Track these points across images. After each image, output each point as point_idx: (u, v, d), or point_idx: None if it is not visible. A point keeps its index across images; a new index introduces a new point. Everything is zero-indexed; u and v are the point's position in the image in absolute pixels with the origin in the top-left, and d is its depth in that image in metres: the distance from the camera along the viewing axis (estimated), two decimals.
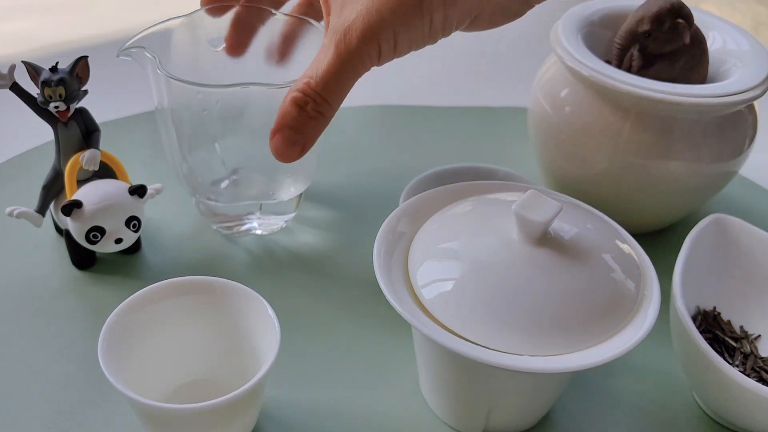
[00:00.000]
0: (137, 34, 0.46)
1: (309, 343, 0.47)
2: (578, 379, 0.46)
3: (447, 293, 0.36)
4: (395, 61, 0.37)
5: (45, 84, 0.46)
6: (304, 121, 0.36)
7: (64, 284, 0.50)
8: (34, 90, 0.47)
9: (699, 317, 0.47)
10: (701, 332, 0.46)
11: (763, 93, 0.51)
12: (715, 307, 0.48)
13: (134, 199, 0.48)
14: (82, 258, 0.51)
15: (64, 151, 0.49)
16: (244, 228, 0.54)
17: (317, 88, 0.36)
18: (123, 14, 0.90)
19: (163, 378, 0.41)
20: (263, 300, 0.39)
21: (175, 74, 0.44)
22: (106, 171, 0.50)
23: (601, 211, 0.43)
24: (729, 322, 0.48)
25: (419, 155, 0.66)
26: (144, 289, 0.40)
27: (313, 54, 0.38)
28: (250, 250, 0.54)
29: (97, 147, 0.49)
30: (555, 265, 0.36)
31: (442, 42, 0.37)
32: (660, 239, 0.57)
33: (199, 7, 0.50)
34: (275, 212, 0.54)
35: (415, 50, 0.37)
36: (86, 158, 0.48)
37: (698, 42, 0.54)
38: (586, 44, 0.55)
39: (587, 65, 0.52)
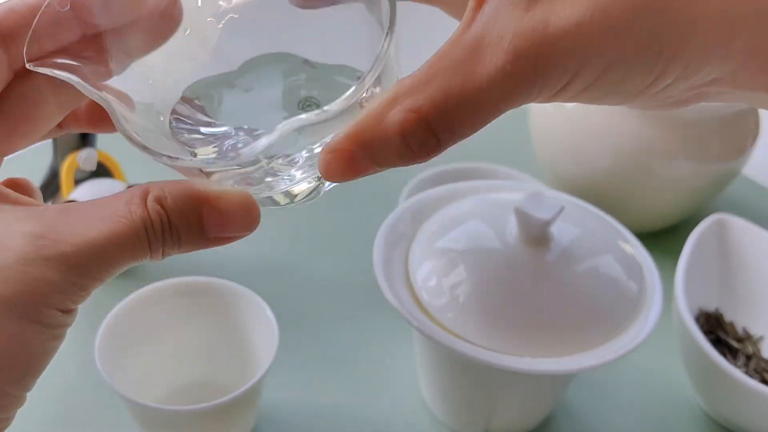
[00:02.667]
0: None
1: (308, 344, 0.47)
2: (580, 380, 0.45)
3: (447, 294, 0.36)
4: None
5: None
6: (397, 156, 0.22)
7: None
8: None
9: (701, 318, 0.47)
10: (703, 333, 0.45)
11: None
12: (717, 308, 0.48)
13: None
14: None
15: (60, 151, 0.49)
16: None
17: (448, 114, 0.21)
18: None
19: (161, 379, 0.41)
20: (262, 301, 0.39)
21: None
22: (103, 171, 0.49)
23: (603, 210, 0.43)
24: (731, 324, 0.47)
25: None
26: (143, 289, 0.39)
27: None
28: (250, 250, 0.53)
29: (94, 146, 0.49)
30: (556, 265, 0.36)
31: (443, 41, 0.28)
32: (662, 239, 0.57)
33: None
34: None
35: (605, 104, 0.22)
36: (83, 158, 0.48)
37: None
38: None
39: None
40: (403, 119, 0.21)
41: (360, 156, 0.22)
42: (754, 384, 0.38)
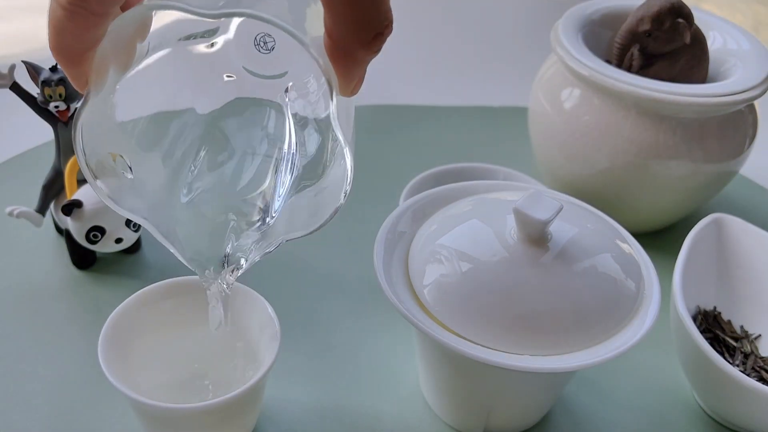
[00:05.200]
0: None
1: (309, 343, 0.47)
2: (579, 378, 0.46)
3: (447, 293, 0.36)
4: (395, 60, 0.35)
5: (45, 84, 0.46)
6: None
7: (64, 284, 0.50)
8: (34, 90, 0.47)
9: (699, 317, 0.47)
10: (701, 332, 0.46)
11: (764, 93, 0.51)
12: (715, 307, 0.48)
13: None
14: (82, 258, 0.51)
15: (64, 151, 0.49)
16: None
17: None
18: None
19: (163, 377, 0.41)
20: (264, 300, 0.39)
21: None
22: None
23: (601, 210, 0.43)
24: (729, 322, 0.48)
25: (419, 155, 0.66)
26: (144, 289, 0.40)
27: None
28: None
29: None
30: (555, 264, 0.36)
31: (443, 41, 0.31)
32: (660, 239, 0.57)
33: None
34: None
35: None
36: None
37: (698, 42, 0.54)
38: (586, 44, 0.55)
39: (587, 65, 0.52)
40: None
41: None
42: (752, 382, 0.39)
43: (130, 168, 0.32)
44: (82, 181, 0.49)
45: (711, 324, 0.47)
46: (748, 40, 0.56)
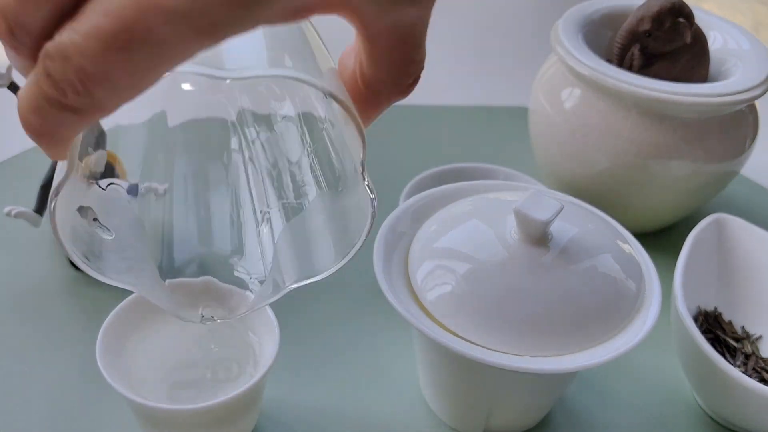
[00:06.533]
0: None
1: (309, 343, 0.47)
2: (579, 379, 0.46)
3: (447, 293, 0.36)
4: None
5: None
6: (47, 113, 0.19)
7: (62, 284, 0.50)
8: None
9: (700, 317, 0.47)
10: (702, 333, 0.45)
11: (764, 92, 0.51)
12: (716, 308, 0.48)
13: None
14: None
15: None
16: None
17: (85, 56, 0.17)
18: None
19: (162, 378, 0.41)
20: None
21: None
22: (110, 172, 0.50)
23: (601, 210, 0.43)
24: (730, 323, 0.48)
25: (419, 155, 0.66)
26: None
27: None
28: None
29: (103, 148, 0.49)
30: (555, 265, 0.36)
31: (443, 41, 0.30)
32: (661, 239, 0.57)
33: None
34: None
35: None
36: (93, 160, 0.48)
37: (699, 41, 0.54)
38: (586, 43, 0.55)
39: (588, 64, 0.52)
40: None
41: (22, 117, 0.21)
42: (753, 383, 0.39)
43: (102, 224, 0.29)
44: None
45: (712, 324, 0.47)
46: (748, 40, 0.56)
